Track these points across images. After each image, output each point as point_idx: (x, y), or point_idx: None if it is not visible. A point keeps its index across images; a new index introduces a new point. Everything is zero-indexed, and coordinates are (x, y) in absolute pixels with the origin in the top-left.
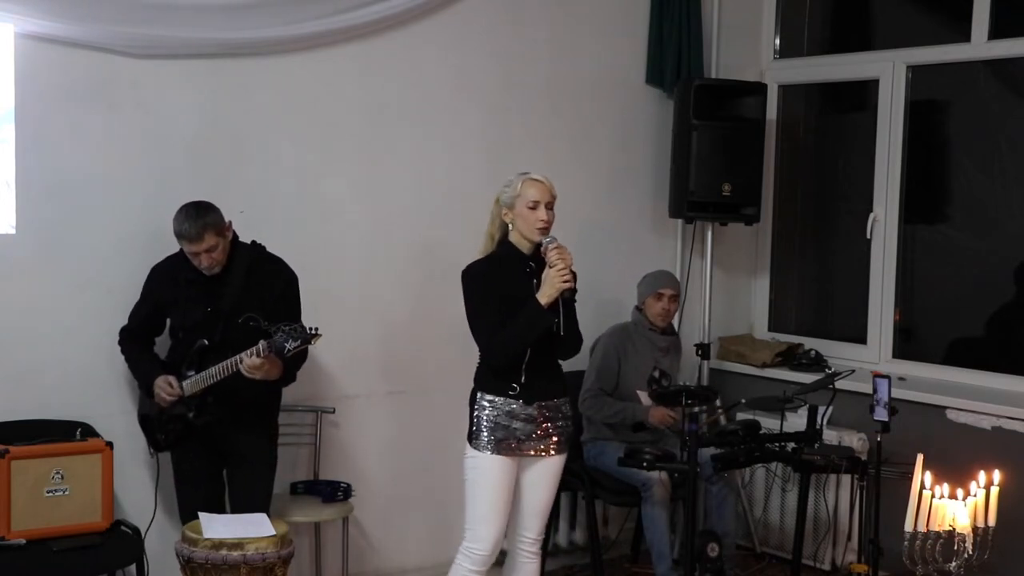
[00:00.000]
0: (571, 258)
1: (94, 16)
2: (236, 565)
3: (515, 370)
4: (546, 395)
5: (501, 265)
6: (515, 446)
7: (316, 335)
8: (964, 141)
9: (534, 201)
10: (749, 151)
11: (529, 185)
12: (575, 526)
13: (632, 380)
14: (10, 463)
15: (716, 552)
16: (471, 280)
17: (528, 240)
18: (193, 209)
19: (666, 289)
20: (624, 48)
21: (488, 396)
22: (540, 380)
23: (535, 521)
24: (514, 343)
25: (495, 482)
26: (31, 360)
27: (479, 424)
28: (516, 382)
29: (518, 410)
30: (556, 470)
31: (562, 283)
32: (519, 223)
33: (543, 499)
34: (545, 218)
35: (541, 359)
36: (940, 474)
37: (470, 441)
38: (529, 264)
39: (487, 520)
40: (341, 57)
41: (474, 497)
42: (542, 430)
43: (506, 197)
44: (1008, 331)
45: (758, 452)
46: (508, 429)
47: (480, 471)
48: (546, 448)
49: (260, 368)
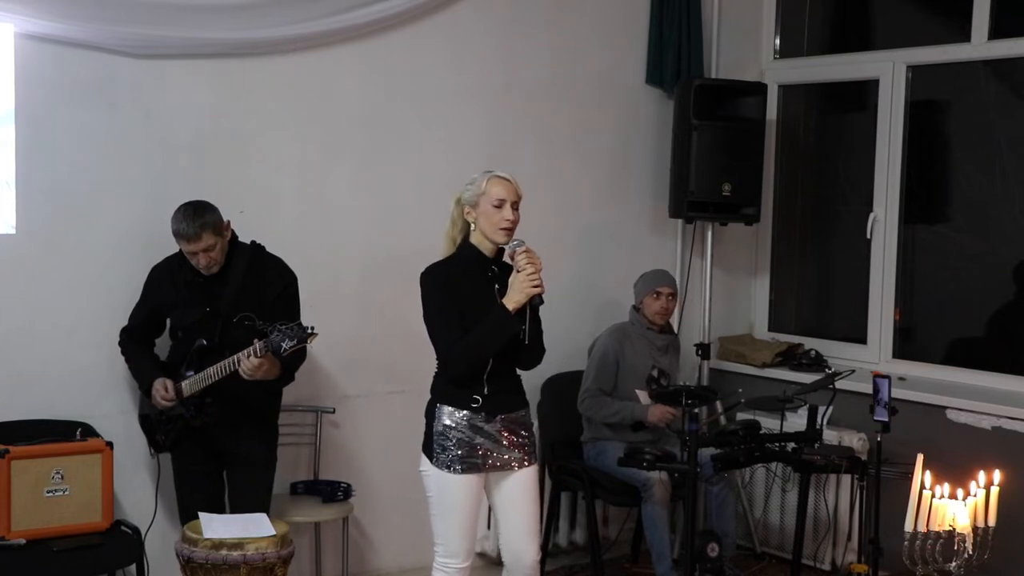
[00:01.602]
0: (541, 262)
1: (94, 16)
2: (236, 565)
3: (476, 381)
4: (509, 407)
5: (461, 268)
6: (480, 463)
7: (312, 334)
8: (964, 141)
9: (499, 199)
10: (749, 151)
11: (495, 183)
12: (575, 526)
13: (630, 380)
14: (10, 463)
15: (716, 552)
16: (430, 284)
17: (491, 241)
18: (191, 208)
19: (664, 287)
20: (624, 48)
21: (447, 408)
22: (502, 392)
23: (530, 544)
24: (478, 351)
25: (462, 501)
26: (31, 360)
27: (441, 441)
28: (479, 394)
29: (480, 424)
30: (529, 483)
31: (532, 288)
32: (482, 222)
33: (526, 517)
34: (511, 218)
35: (503, 369)
36: (940, 474)
37: (429, 457)
38: (491, 268)
39: (457, 537)
40: (341, 57)
41: (442, 515)
42: (507, 444)
43: (469, 195)
44: (1008, 331)
45: (758, 452)
46: (471, 445)
47: (445, 491)
48: (514, 462)
49: (258, 369)
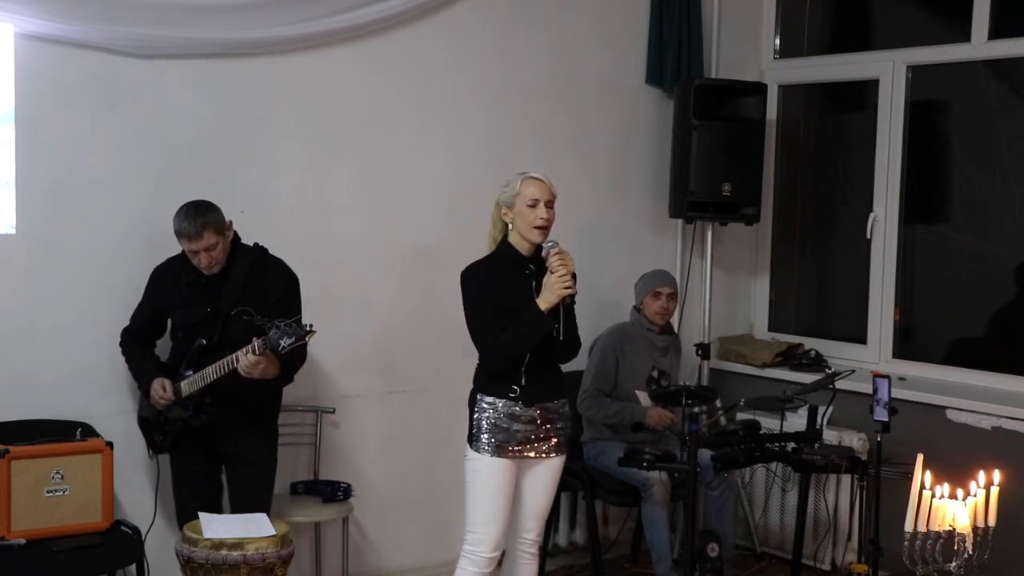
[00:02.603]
0: (573, 263)
1: (94, 16)
2: (236, 565)
3: (515, 372)
4: (546, 397)
5: (500, 267)
6: (515, 448)
7: (311, 332)
8: (964, 141)
9: (533, 199)
10: (749, 151)
11: (528, 184)
12: (575, 526)
13: (630, 380)
14: (10, 463)
15: (716, 552)
16: (469, 283)
17: (527, 240)
18: (193, 207)
19: (664, 287)
20: (624, 48)
21: (488, 398)
22: (540, 382)
23: (535, 522)
24: (513, 349)
25: (496, 485)
26: (31, 360)
27: (479, 427)
28: (516, 384)
29: (519, 412)
30: (556, 471)
31: (563, 289)
32: (518, 222)
33: (543, 501)
34: (545, 216)
35: (541, 362)
36: (940, 474)
37: (470, 443)
38: (528, 266)
39: (488, 523)
40: (341, 57)
41: (475, 500)
42: (542, 432)
43: (505, 197)
44: (1008, 331)
45: (758, 452)
46: (508, 432)
47: (480, 474)
48: (546, 450)
49: (256, 366)
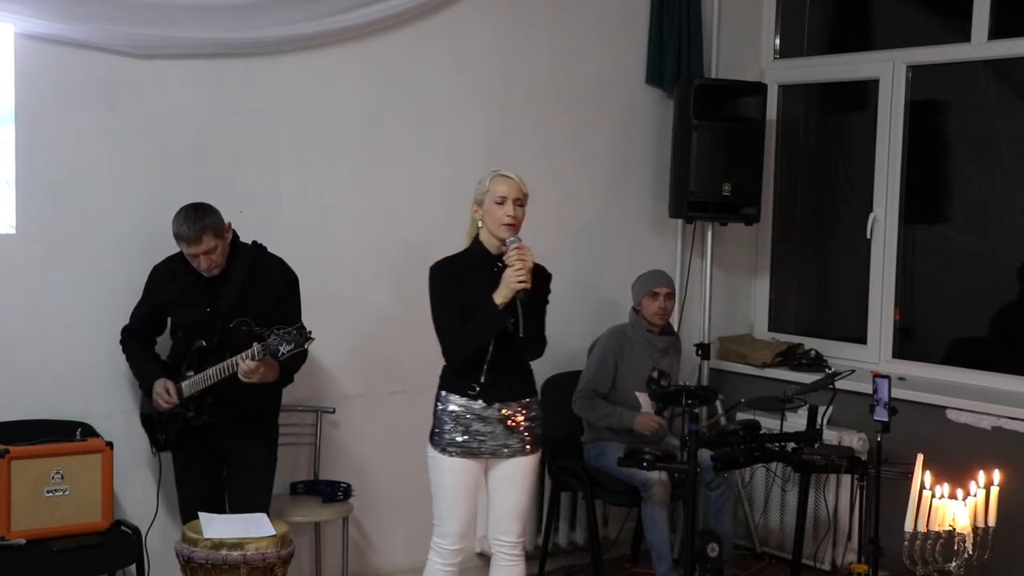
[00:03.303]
0: (532, 259)
1: (94, 16)
2: (236, 565)
3: (476, 370)
4: (509, 396)
5: (468, 264)
6: (476, 447)
7: (310, 338)
8: (964, 141)
9: (501, 197)
10: (749, 151)
11: (498, 181)
12: (575, 526)
13: (630, 382)
14: (10, 463)
15: (716, 552)
16: (435, 278)
17: (496, 238)
18: (192, 211)
19: (661, 288)
20: (624, 48)
21: (449, 396)
22: (503, 380)
23: (512, 524)
24: (469, 342)
25: (456, 483)
26: (31, 360)
27: (440, 424)
28: (476, 382)
29: (478, 410)
30: (525, 470)
31: (517, 283)
32: (487, 219)
33: (515, 500)
34: (512, 214)
35: (505, 359)
36: (940, 474)
37: (431, 440)
38: (497, 264)
39: (451, 518)
40: (341, 57)
41: (438, 496)
42: (505, 430)
43: (477, 194)
44: (1008, 331)
45: (758, 452)
46: (469, 430)
47: (441, 472)
48: (510, 448)
49: (255, 371)
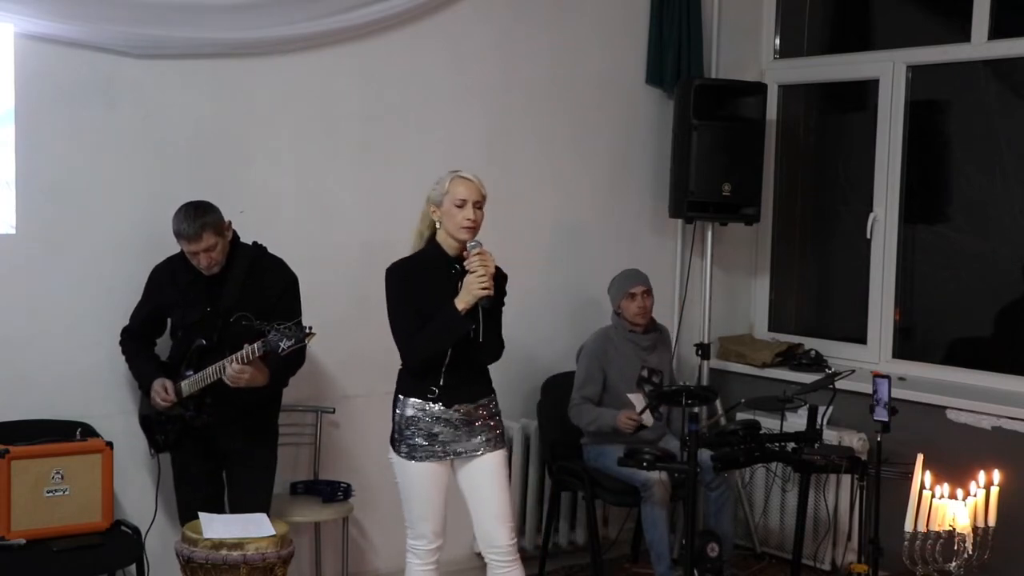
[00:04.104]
0: (493, 265)
1: (94, 16)
2: (236, 565)
3: (434, 373)
4: (468, 397)
5: (425, 265)
6: (440, 450)
7: (310, 334)
8: (964, 141)
9: (461, 199)
10: (749, 151)
11: (458, 183)
12: (575, 526)
13: (620, 385)
14: (10, 463)
15: (716, 552)
16: (392, 280)
17: (454, 240)
18: (192, 208)
19: (636, 287)
20: (624, 48)
21: (408, 399)
22: (462, 383)
23: (499, 529)
24: (429, 347)
25: (424, 487)
26: (31, 360)
27: (400, 429)
28: (435, 385)
29: (438, 413)
30: (494, 468)
31: (480, 290)
32: (446, 221)
33: (493, 502)
34: (472, 217)
35: (462, 362)
36: (940, 474)
37: (392, 445)
38: (455, 266)
39: (423, 520)
40: (341, 57)
41: (408, 500)
42: (466, 430)
43: (435, 194)
44: (1008, 331)
45: (758, 452)
46: (430, 434)
47: (408, 477)
48: (474, 447)
49: (241, 375)
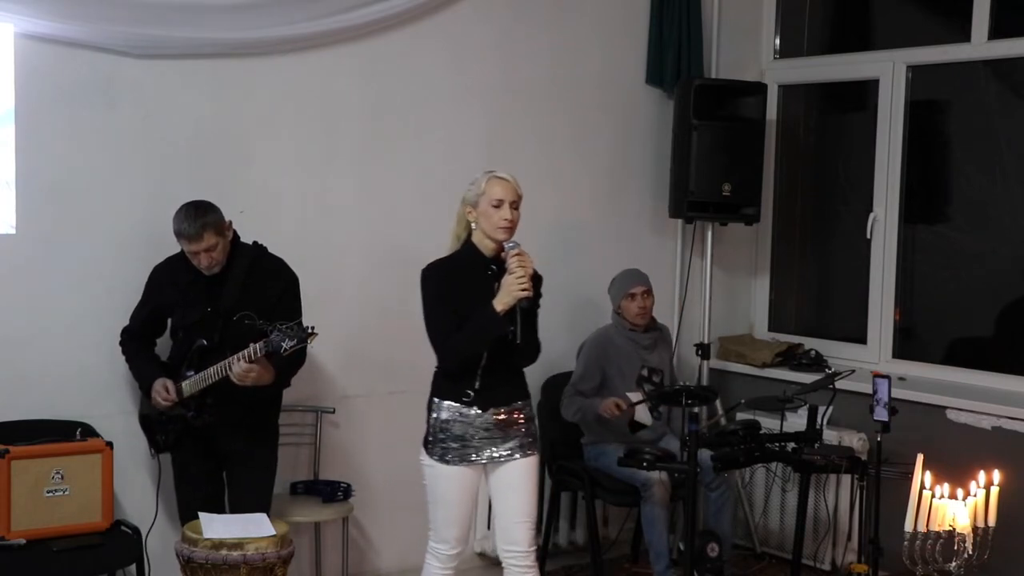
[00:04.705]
0: (532, 266)
1: (94, 16)
2: (236, 565)
3: (470, 376)
4: (503, 401)
5: (461, 266)
6: (473, 454)
7: (312, 334)
8: (964, 141)
9: (498, 199)
10: (749, 151)
11: (494, 183)
12: (575, 526)
13: (620, 383)
14: (10, 463)
15: (716, 552)
16: (428, 280)
17: (491, 240)
18: (193, 208)
19: (637, 287)
20: (624, 48)
21: (443, 402)
22: (497, 386)
23: (519, 531)
24: (466, 348)
25: (452, 491)
26: (31, 360)
27: (434, 432)
28: (471, 388)
29: (473, 417)
30: (525, 473)
31: (519, 291)
32: (482, 222)
33: (519, 505)
34: (509, 217)
35: (499, 364)
36: (940, 474)
37: (425, 448)
38: (491, 267)
39: (448, 525)
40: (341, 57)
41: (434, 504)
42: (501, 435)
43: (470, 195)
44: (1008, 331)
45: (758, 452)
46: (464, 437)
47: (436, 480)
48: (508, 452)
49: (248, 373)
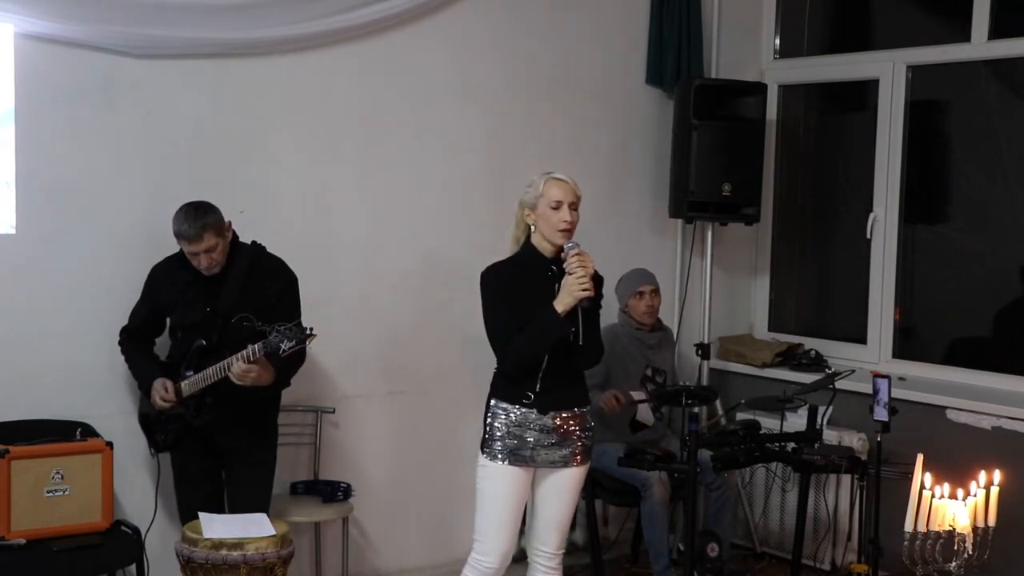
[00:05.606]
0: (592, 265)
1: (94, 16)
2: (236, 565)
3: (531, 378)
4: (563, 405)
5: (521, 268)
6: (529, 456)
7: (311, 335)
8: (964, 141)
9: (557, 201)
10: (749, 151)
11: (552, 184)
12: (575, 526)
13: (624, 382)
14: (10, 463)
15: (716, 552)
16: (489, 282)
17: (550, 242)
18: (192, 209)
19: (645, 286)
20: (624, 48)
21: (502, 404)
22: (558, 389)
23: (552, 534)
24: (527, 350)
25: (505, 493)
26: (31, 360)
27: (492, 433)
28: (531, 391)
29: (533, 419)
30: (573, 482)
31: (580, 291)
32: (541, 224)
33: (559, 512)
34: (568, 219)
35: (559, 367)
36: (940, 474)
37: (483, 449)
38: (551, 268)
39: (496, 531)
40: (341, 57)
41: (483, 507)
42: (558, 440)
43: (528, 197)
44: (1008, 331)
45: (758, 452)
46: (521, 439)
47: (490, 481)
48: (563, 459)
49: (248, 374)
